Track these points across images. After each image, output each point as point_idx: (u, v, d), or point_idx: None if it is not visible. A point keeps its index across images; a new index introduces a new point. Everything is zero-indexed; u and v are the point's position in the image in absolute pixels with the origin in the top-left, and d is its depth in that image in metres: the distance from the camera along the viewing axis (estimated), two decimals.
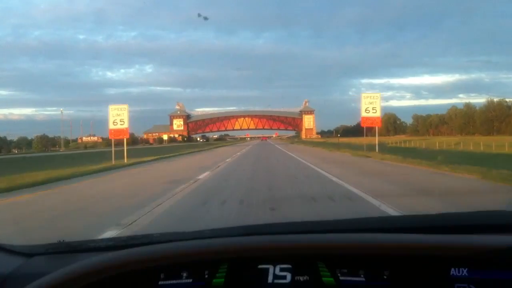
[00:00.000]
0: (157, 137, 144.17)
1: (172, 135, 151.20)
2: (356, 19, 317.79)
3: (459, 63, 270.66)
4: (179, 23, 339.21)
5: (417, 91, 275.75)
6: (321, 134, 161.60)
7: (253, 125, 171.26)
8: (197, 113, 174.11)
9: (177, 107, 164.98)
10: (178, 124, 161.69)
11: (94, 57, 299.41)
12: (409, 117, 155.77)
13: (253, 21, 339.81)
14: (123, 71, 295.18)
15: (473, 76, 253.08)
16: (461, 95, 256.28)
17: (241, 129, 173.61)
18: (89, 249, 1.58)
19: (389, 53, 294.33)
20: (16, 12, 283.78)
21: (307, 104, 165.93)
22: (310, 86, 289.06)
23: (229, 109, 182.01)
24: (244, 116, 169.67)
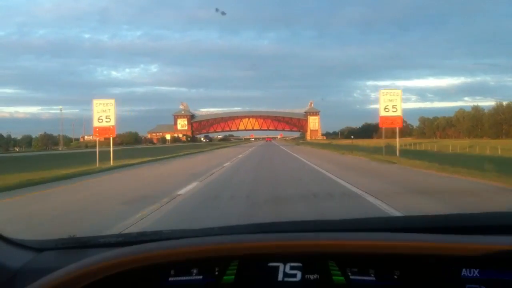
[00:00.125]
0: (160, 137, 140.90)
1: (176, 135, 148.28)
2: (360, 20, 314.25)
3: (464, 66, 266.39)
4: (184, 23, 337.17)
5: (422, 94, 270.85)
6: (326, 135, 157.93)
7: (257, 126, 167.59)
8: (201, 113, 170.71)
9: (181, 107, 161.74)
10: (182, 124, 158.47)
11: (98, 56, 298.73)
12: (415, 120, 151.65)
13: (257, 21, 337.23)
14: (128, 70, 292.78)
15: (479, 79, 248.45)
16: (466, 98, 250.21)
17: (246, 129, 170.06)
18: (99, 244, 1.55)
19: (393, 54, 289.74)
20: (21, 10, 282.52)
21: (312, 105, 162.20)
22: (314, 87, 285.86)
23: (233, 109, 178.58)
24: (248, 116, 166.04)
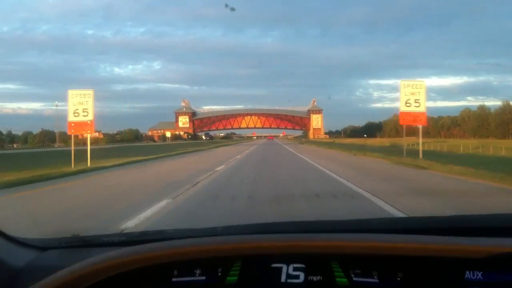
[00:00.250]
0: (161, 135, 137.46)
1: (177, 133, 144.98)
2: (364, 19, 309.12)
3: (467, 65, 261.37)
4: (188, 20, 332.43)
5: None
6: (329, 134, 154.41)
7: (259, 124, 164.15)
8: (203, 111, 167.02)
9: (183, 104, 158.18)
10: (183, 121, 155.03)
11: (102, 52, 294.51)
12: None
13: (261, 19, 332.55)
14: (130, 67, 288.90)
15: (482, 78, 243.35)
16: (469, 98, 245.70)
17: (248, 127, 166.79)
18: (102, 243, 1.53)
19: (397, 53, 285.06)
20: (25, 6, 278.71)
21: (315, 103, 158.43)
22: (317, 85, 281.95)
23: (236, 107, 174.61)
24: (250, 114, 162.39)
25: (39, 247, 1.50)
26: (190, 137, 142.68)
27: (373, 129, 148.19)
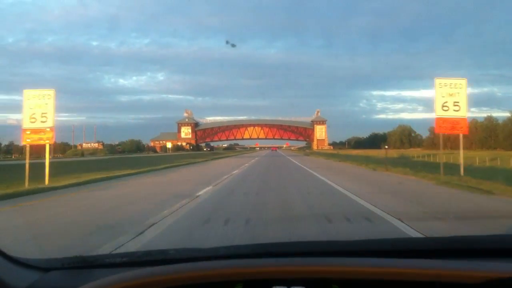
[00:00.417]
0: (162, 145, 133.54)
1: (179, 143, 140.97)
2: (368, 29, 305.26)
3: (471, 76, 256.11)
4: (192, 31, 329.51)
5: (429, 104, 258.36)
6: (332, 145, 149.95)
7: (263, 135, 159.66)
8: (206, 121, 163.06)
9: (185, 115, 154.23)
10: (186, 132, 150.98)
11: (106, 63, 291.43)
12: (422, 130, 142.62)
13: (265, 30, 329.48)
14: (135, 78, 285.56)
15: (486, 89, 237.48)
16: (473, 109, 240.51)
17: (251, 138, 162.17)
18: (105, 264, 1.52)
19: (400, 64, 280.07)
20: (30, 17, 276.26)
21: (319, 114, 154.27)
22: (321, 96, 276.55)
23: (239, 118, 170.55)
24: (253, 125, 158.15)
25: (41, 268, 1.47)
26: (191, 148, 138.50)
27: (377, 140, 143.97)
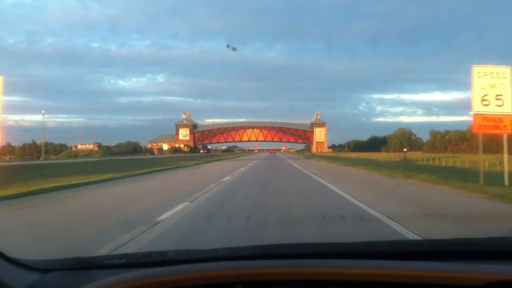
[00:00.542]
0: (160, 147, 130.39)
1: (177, 145, 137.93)
2: (368, 33, 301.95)
3: (470, 81, 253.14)
4: (192, 33, 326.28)
5: (428, 108, 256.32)
6: (332, 148, 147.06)
7: (262, 137, 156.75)
8: (205, 123, 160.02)
9: (184, 116, 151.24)
10: (184, 133, 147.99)
11: (107, 65, 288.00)
12: (422, 133, 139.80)
13: (265, 33, 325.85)
14: (135, 80, 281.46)
15: None
16: (472, 113, 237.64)
17: (249, 140, 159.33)
18: (104, 265, 1.53)
19: (400, 68, 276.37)
20: (31, 18, 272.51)
21: (319, 116, 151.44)
22: (320, 99, 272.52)
23: (238, 120, 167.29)
24: (252, 127, 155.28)
25: (41, 269, 1.47)
26: (188, 150, 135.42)
27: (377, 143, 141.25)
